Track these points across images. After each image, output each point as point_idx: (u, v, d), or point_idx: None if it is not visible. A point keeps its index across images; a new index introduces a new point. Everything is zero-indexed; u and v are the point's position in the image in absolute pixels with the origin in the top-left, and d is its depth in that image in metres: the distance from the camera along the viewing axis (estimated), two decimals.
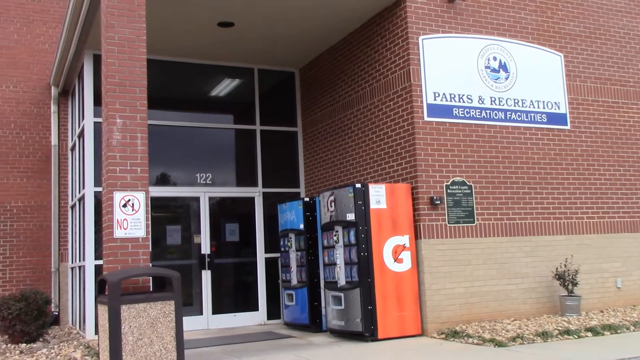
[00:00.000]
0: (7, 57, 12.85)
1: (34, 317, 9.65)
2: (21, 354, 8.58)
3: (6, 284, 12.16)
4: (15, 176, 12.58)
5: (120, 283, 6.48)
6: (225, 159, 11.73)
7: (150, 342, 6.46)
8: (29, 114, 12.87)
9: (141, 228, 7.15)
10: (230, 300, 11.21)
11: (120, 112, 7.26)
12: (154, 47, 9.53)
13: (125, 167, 7.20)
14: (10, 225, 12.40)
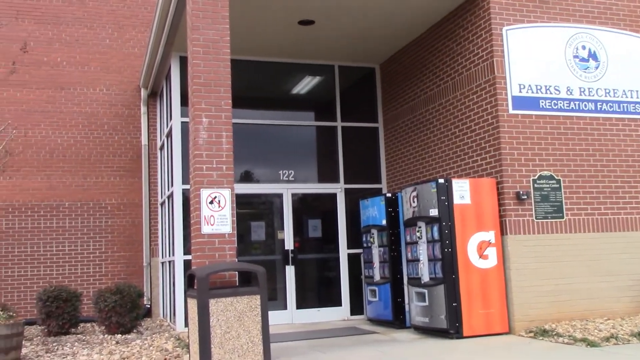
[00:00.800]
0: (101, 61, 13.49)
1: (128, 309, 10.12)
2: (117, 344, 9.00)
3: (102, 278, 12.80)
4: (109, 175, 13.21)
5: (209, 278, 6.68)
6: (307, 155, 11.85)
7: (237, 335, 6.63)
8: (121, 115, 13.47)
9: (227, 224, 7.34)
10: (313, 296, 11.32)
11: (206, 112, 7.47)
12: (237, 47, 9.75)
13: (211, 165, 7.41)
14: (105, 221, 13.04)
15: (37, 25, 13.22)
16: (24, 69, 12.78)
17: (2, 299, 12.16)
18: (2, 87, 12.52)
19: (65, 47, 13.35)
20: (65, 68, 13.29)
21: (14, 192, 12.59)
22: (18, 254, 12.45)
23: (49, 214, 12.74)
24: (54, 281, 12.15)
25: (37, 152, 12.85)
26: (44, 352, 8.60)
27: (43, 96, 13.05)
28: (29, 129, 12.82)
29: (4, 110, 12.67)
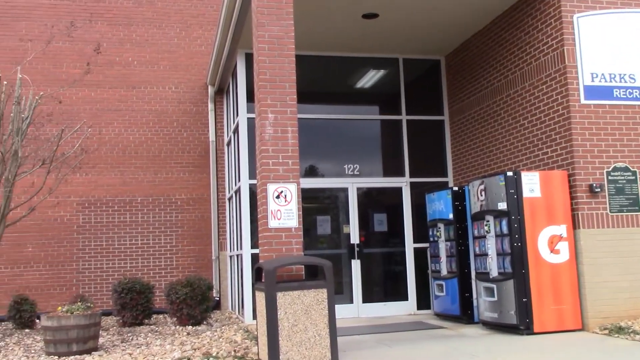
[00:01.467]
0: (169, 60, 13.86)
1: (198, 301, 10.39)
2: (188, 335, 9.25)
3: (173, 271, 13.17)
4: (178, 171, 13.57)
5: (276, 271, 6.77)
6: (372, 149, 11.81)
7: (304, 328, 6.70)
8: (189, 112, 13.81)
9: (294, 218, 7.42)
10: (379, 290, 11.31)
11: (271, 107, 7.56)
12: (301, 43, 9.80)
13: (277, 160, 7.50)
14: (176, 216, 13.41)
15: (110, 26, 13.69)
16: (97, 69, 13.25)
17: (80, 290, 12.70)
18: (78, 88, 13.02)
19: (135, 47, 13.77)
20: (136, 67, 13.71)
21: (89, 188, 13.12)
22: (94, 247, 12.97)
23: (122, 209, 13.20)
24: (127, 274, 12.60)
25: (111, 150, 13.33)
26: (120, 341, 8.93)
27: (116, 95, 13.52)
28: (103, 127, 13.31)
29: (79, 109, 13.20)
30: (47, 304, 12.02)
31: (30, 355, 8.12)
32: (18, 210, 10.94)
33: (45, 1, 13.48)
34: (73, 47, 13.40)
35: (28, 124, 10.63)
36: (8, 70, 11.27)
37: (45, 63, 13.09)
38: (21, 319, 10.82)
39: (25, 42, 12.96)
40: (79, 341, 7.96)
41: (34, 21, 13.34)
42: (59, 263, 12.79)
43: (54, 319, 7.97)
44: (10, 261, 12.54)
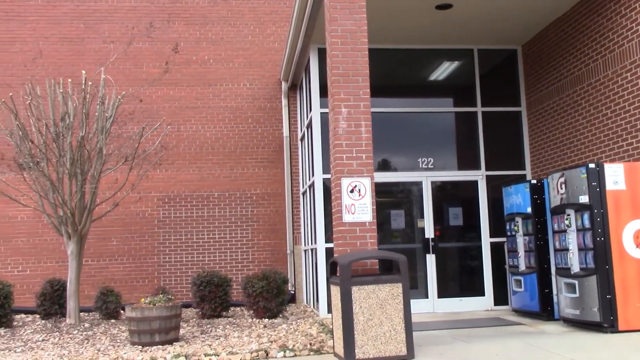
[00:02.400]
0: (244, 57, 14.11)
1: (274, 295, 10.55)
2: (264, 327, 9.42)
3: (249, 264, 13.43)
4: (253, 166, 13.81)
5: (351, 265, 6.80)
6: (446, 142, 11.65)
7: (379, 322, 6.69)
8: (263, 108, 14.02)
9: (368, 212, 7.41)
10: (455, 285, 11.15)
11: (345, 102, 7.58)
12: (374, 36, 9.76)
13: (351, 154, 7.51)
14: (251, 210, 13.66)
15: (186, 26, 14.06)
16: (175, 68, 13.64)
17: (161, 282, 13.14)
18: (157, 87, 13.45)
19: (211, 45, 14.09)
20: (211, 65, 14.04)
21: (169, 183, 13.54)
22: (174, 241, 13.39)
23: (200, 204, 13.57)
24: (205, 267, 12.95)
25: (189, 146, 13.71)
26: (199, 333, 9.19)
27: (193, 93, 13.88)
28: (181, 125, 13.70)
29: (159, 107, 13.63)
30: (130, 295, 12.51)
31: (116, 344, 8.48)
32: (103, 205, 11.44)
33: (126, 4, 13.99)
34: (152, 48, 13.84)
35: (111, 123, 11.09)
36: (92, 71, 11.79)
37: (126, 63, 13.58)
38: (107, 309, 11.30)
39: (107, 43, 13.50)
40: (161, 332, 8.24)
41: (116, 23, 13.87)
42: (141, 256, 13.28)
43: (137, 310, 8.29)
44: (96, 254, 13.12)
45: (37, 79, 11.81)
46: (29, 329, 10.34)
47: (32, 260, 13.16)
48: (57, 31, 13.78)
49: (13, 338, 9.50)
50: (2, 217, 13.18)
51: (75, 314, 10.76)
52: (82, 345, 8.48)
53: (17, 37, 13.70)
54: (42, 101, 11.06)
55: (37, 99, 10.98)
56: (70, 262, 10.94)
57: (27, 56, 13.41)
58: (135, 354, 7.58)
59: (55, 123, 10.78)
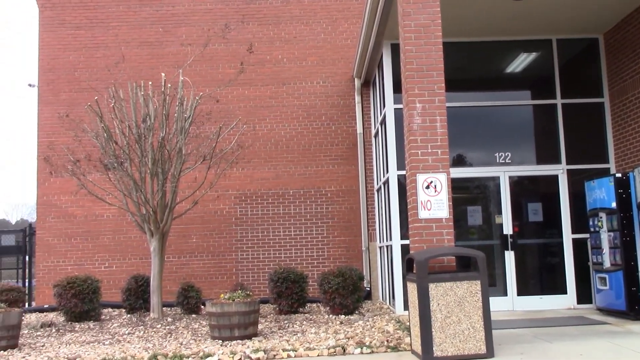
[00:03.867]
0: (317, 55, 14.21)
1: (350, 291, 10.59)
2: (341, 324, 9.47)
3: (325, 261, 13.53)
4: (327, 163, 13.90)
5: (427, 262, 6.74)
6: (524, 136, 11.33)
7: (458, 320, 6.60)
8: (337, 105, 14.08)
9: (444, 209, 7.32)
10: (535, 282, 10.85)
11: (419, 97, 7.51)
12: (447, 29, 9.61)
13: (426, 150, 7.44)
14: (326, 208, 13.76)
15: (260, 26, 14.29)
16: (250, 68, 13.87)
17: (239, 278, 13.43)
18: (233, 87, 13.73)
19: (284, 44, 14.27)
20: (285, 64, 14.21)
21: (245, 181, 13.82)
22: (251, 238, 13.65)
23: (276, 201, 13.77)
24: (282, 263, 13.13)
25: (264, 145, 13.94)
26: (277, 328, 9.34)
27: (267, 92, 14.10)
28: (256, 124, 13.95)
29: (235, 107, 13.92)
30: (210, 291, 12.83)
31: (197, 338, 8.73)
32: (183, 203, 11.78)
33: (201, 7, 14.35)
34: (227, 48, 14.15)
35: (190, 123, 11.41)
36: (171, 73, 12.15)
37: (203, 65, 13.93)
38: (188, 304, 11.65)
39: (185, 46, 13.89)
40: (240, 327, 8.43)
41: (193, 26, 14.26)
42: (220, 253, 13.62)
43: (217, 305, 8.51)
44: (177, 251, 13.55)
45: (120, 83, 12.27)
46: (116, 323, 10.80)
47: (117, 256, 13.73)
48: (137, 36, 14.30)
49: (101, 331, 9.95)
50: (90, 215, 13.81)
51: (158, 309, 11.15)
52: (166, 339, 8.78)
53: (100, 43, 14.31)
54: (124, 104, 11.50)
55: (120, 101, 11.42)
56: (153, 258, 11.34)
57: (110, 61, 13.97)
58: (216, 348, 7.78)
59: (137, 125, 11.18)
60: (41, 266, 13.85)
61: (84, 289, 11.18)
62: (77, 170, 11.53)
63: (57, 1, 14.47)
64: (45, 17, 14.50)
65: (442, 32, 7.67)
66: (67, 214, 13.90)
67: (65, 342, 9.00)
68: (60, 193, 13.87)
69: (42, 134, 14.13)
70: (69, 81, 14.21)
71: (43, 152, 13.62)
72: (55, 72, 14.29)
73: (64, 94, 14.18)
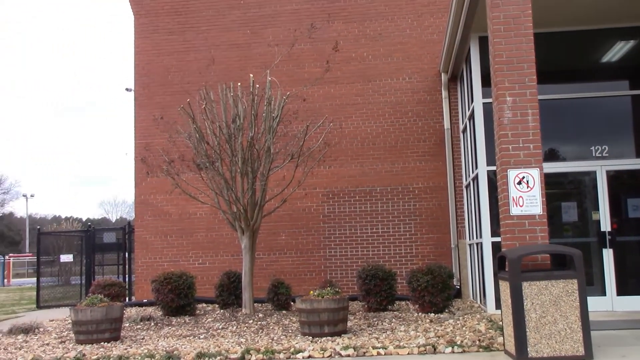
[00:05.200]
0: (402, 51, 14.11)
1: (439, 289, 10.46)
2: (430, 322, 9.37)
3: (413, 259, 13.43)
4: (414, 160, 13.78)
5: (521, 260, 6.56)
6: (622, 128, 10.78)
7: (553, 320, 6.39)
8: (423, 101, 13.93)
9: (537, 205, 7.11)
10: (637, 282, 10.30)
11: (509, 90, 7.32)
12: (538, 20, 9.30)
13: (517, 144, 7.24)
14: (413, 205, 13.65)
15: (345, 24, 14.34)
16: (336, 66, 13.95)
17: (327, 275, 13.55)
18: (319, 85, 13.86)
19: (370, 41, 14.26)
20: (370, 62, 14.20)
21: (332, 179, 13.92)
22: (339, 236, 13.75)
23: (363, 199, 13.80)
24: (370, 261, 13.14)
25: (351, 142, 13.98)
26: (366, 326, 9.36)
27: (353, 90, 14.13)
28: (342, 121, 14.01)
29: (321, 105, 14.04)
30: (299, 288, 13.01)
31: (288, 334, 8.88)
32: (272, 201, 12.01)
33: (288, 7, 14.57)
34: (313, 48, 14.29)
35: (278, 122, 11.61)
36: (259, 74, 12.39)
37: (289, 64, 14.13)
38: (278, 301, 11.87)
39: (272, 47, 14.14)
40: (330, 323, 8.50)
41: (279, 27, 14.49)
42: (308, 250, 13.79)
43: (307, 302, 8.62)
44: (267, 248, 13.83)
45: (210, 85, 12.64)
46: (210, 318, 11.16)
47: (210, 253, 14.18)
48: (226, 38, 14.70)
49: (196, 325, 10.30)
50: (184, 213, 14.33)
51: (250, 305, 11.42)
52: (258, 334, 8.99)
53: (191, 47, 14.81)
54: (215, 105, 11.84)
55: (210, 103, 11.78)
56: (244, 255, 11.63)
57: (201, 64, 14.43)
58: (306, 344, 7.90)
59: (227, 125, 11.50)
60: (140, 262, 14.51)
61: (179, 285, 11.63)
62: (172, 170, 12.00)
63: (151, 8, 15.09)
64: (140, 24, 15.16)
65: (532, 22, 7.44)
66: (163, 212, 14.48)
67: (163, 335, 9.39)
68: (156, 192, 14.47)
69: (138, 136, 14.79)
70: (162, 85, 14.79)
71: (140, 153, 14.24)
72: (149, 77, 14.92)
73: (158, 97, 14.76)
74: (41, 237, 18.14)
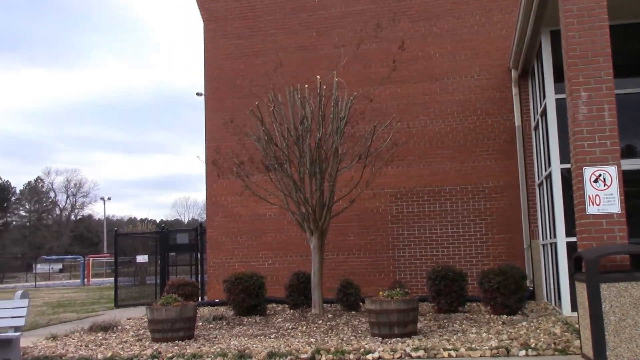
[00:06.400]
0: (470, 48, 13.87)
1: (512, 290, 10.22)
2: (503, 324, 9.16)
3: (484, 259, 13.17)
4: (484, 159, 13.51)
5: (598, 261, 6.33)
6: None
7: (634, 323, 6.13)
8: (492, 99, 13.64)
9: (615, 203, 6.85)
10: None
11: (583, 85, 7.08)
12: (614, 11, 8.94)
13: (592, 141, 7.00)
14: (484, 204, 13.38)
15: (411, 23, 14.22)
16: (402, 65, 13.86)
17: (396, 276, 13.47)
18: (385, 85, 13.80)
19: (436, 39, 14.08)
20: (437, 60, 14.02)
21: (400, 179, 13.82)
22: (407, 236, 13.63)
23: (431, 199, 13.63)
24: (439, 261, 12.97)
25: (418, 142, 13.85)
26: (436, 327, 9.24)
27: (420, 89, 13.99)
28: (409, 121, 13.89)
29: (388, 105, 13.97)
30: (368, 288, 12.97)
31: (357, 335, 8.88)
32: (340, 202, 12.02)
33: (353, 8, 14.57)
34: (379, 47, 14.23)
35: (345, 123, 11.63)
36: (326, 75, 12.46)
37: (355, 65, 14.12)
38: (347, 301, 11.88)
39: (338, 48, 14.18)
40: (400, 324, 8.44)
41: (345, 28, 14.51)
42: (377, 251, 13.74)
43: (376, 302, 8.59)
44: (335, 249, 13.86)
45: (278, 87, 12.79)
46: (280, 318, 11.28)
47: (279, 254, 14.34)
48: (293, 41, 14.83)
49: (267, 325, 10.44)
50: (254, 215, 14.55)
51: (319, 305, 11.48)
52: (327, 335, 9.02)
53: (259, 51, 15.03)
54: (283, 107, 11.97)
55: (278, 105, 11.91)
56: (313, 256, 11.70)
57: (269, 67, 14.62)
58: (376, 345, 7.87)
59: (295, 127, 11.60)
60: (211, 263, 14.83)
61: (250, 285, 11.82)
62: (242, 172, 12.20)
63: (220, 14, 15.41)
64: (209, 29, 15.50)
65: (607, 14, 7.17)
66: (233, 213, 14.75)
67: (235, 334, 9.56)
68: (227, 194, 14.75)
69: (209, 139, 15.11)
70: (231, 89, 15.07)
71: (211, 156, 14.55)
72: (219, 81, 15.23)
73: (227, 101, 15.05)
74: (118, 238, 18.83)
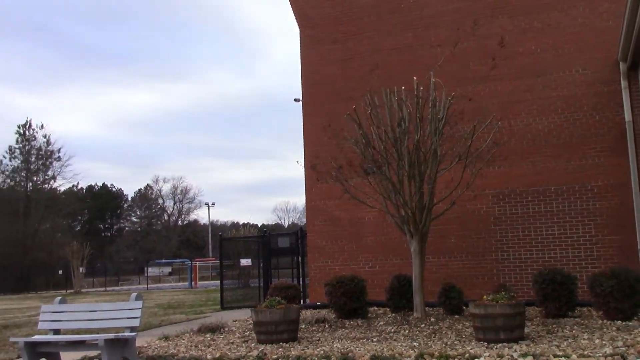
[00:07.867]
0: (574, 42, 13.29)
1: (626, 294, 9.72)
2: (617, 330, 8.72)
3: (594, 262, 12.56)
4: (592, 156, 12.90)
5: None
6: None
7: None
8: (599, 93, 13.01)
9: None
10: None
11: None
12: None
13: None
14: (593, 204, 12.77)
15: (510, 19, 13.81)
16: (501, 62, 13.44)
17: (500, 279, 13.09)
18: (484, 83, 13.49)
19: (537, 34, 13.59)
20: (539, 55, 13.53)
21: (502, 180, 13.43)
22: (511, 238, 13.23)
23: (536, 199, 13.16)
24: (546, 264, 12.48)
25: (520, 140, 13.41)
26: (545, 332, 8.92)
27: (521, 86, 13.55)
28: (511, 119, 13.48)
29: (488, 104, 13.61)
30: (470, 292, 12.68)
31: (461, 339, 8.72)
32: (440, 204, 11.85)
33: (449, 7, 14.33)
34: (477, 45, 13.91)
35: (443, 124, 11.47)
36: (422, 76, 12.30)
37: (453, 64, 13.85)
38: (450, 305, 11.69)
39: (434, 47, 14.01)
40: (506, 329, 8.22)
41: (441, 27, 14.30)
42: (479, 253, 13.43)
43: (481, 306, 8.41)
44: (436, 252, 13.67)
45: (374, 90, 12.75)
46: (381, 321, 11.27)
47: (379, 257, 14.33)
48: (388, 43, 14.79)
49: (369, 328, 10.46)
50: (353, 218, 14.61)
51: (421, 308, 11.38)
52: (430, 339, 8.93)
53: (355, 54, 15.09)
54: (380, 110, 11.95)
55: (375, 108, 11.90)
56: (414, 259, 11.61)
57: (364, 70, 14.64)
58: (482, 350, 7.71)
59: (393, 129, 11.56)
60: (313, 266, 15.03)
61: (351, 288, 11.89)
62: (340, 176, 12.30)
63: (316, 20, 15.61)
64: (305, 35, 15.74)
65: None
66: (333, 217, 14.87)
67: (337, 337, 9.64)
68: (326, 198, 14.89)
69: (307, 144, 15.32)
70: (328, 93, 15.21)
71: (310, 160, 14.74)
72: (315, 86, 15.42)
73: (324, 105, 15.19)
74: (223, 242, 19.46)
